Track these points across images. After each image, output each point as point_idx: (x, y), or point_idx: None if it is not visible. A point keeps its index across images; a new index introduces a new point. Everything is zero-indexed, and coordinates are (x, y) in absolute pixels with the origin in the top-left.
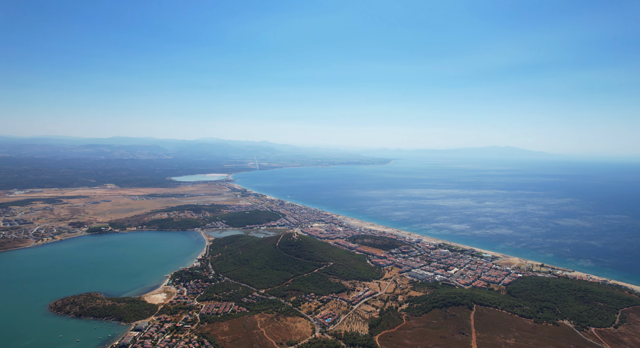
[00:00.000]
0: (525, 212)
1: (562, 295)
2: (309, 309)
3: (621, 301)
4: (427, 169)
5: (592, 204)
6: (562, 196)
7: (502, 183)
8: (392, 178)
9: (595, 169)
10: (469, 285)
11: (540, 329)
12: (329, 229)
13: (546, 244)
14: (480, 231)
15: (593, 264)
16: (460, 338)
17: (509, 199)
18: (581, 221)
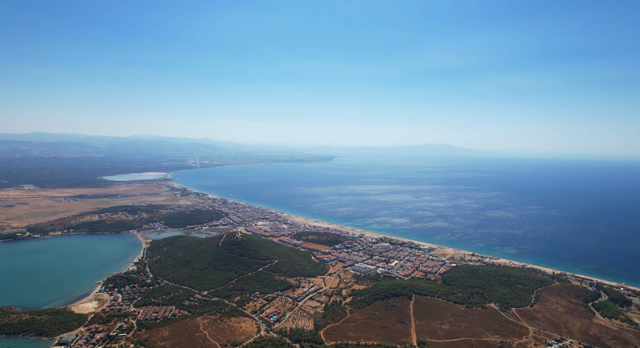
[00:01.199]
0: (458, 205)
1: (489, 280)
2: (254, 308)
3: (536, 282)
4: (369, 166)
5: (514, 197)
6: (490, 190)
7: (438, 178)
8: (335, 175)
9: (518, 166)
10: (409, 276)
11: (471, 313)
12: (273, 227)
13: (477, 234)
14: (418, 225)
15: (515, 251)
16: (401, 327)
17: (444, 194)
18: (506, 213)
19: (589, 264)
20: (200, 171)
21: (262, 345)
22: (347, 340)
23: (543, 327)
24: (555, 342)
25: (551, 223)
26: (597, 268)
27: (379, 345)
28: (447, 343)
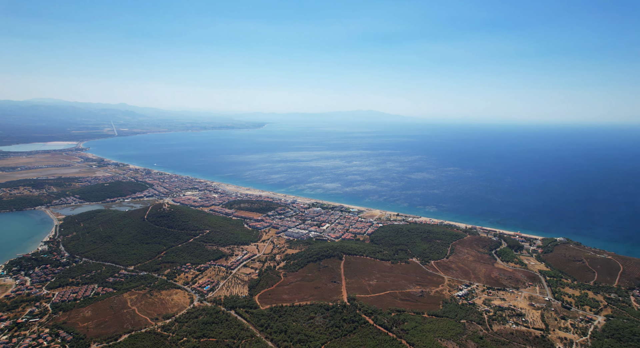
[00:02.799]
0: (385, 169)
1: (412, 238)
2: (186, 280)
3: (452, 237)
4: (301, 132)
5: (435, 159)
6: (413, 154)
7: (367, 144)
8: (267, 142)
9: (439, 131)
10: (339, 238)
11: (396, 268)
12: (203, 196)
13: (402, 196)
14: (349, 188)
15: (435, 209)
16: (332, 286)
17: (372, 159)
18: (427, 174)
19: (494, 217)
20: (119, 139)
21: (195, 314)
22: (282, 303)
23: (456, 275)
24: (465, 286)
25: (466, 183)
26: (500, 221)
27: (312, 304)
28: (375, 297)
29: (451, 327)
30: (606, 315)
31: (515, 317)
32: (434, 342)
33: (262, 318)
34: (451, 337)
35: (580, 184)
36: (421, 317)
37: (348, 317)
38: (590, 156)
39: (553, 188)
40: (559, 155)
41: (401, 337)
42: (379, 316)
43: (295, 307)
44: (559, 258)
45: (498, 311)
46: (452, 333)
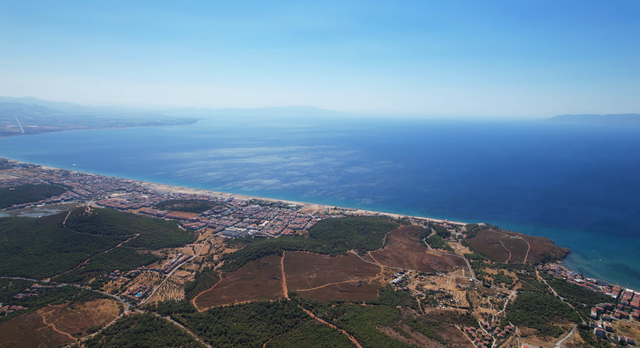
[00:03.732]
0: (323, 164)
1: (349, 230)
2: (115, 288)
3: (386, 227)
4: (236, 128)
5: (370, 153)
6: (349, 149)
7: (304, 139)
8: (201, 139)
9: (373, 125)
10: (279, 234)
11: (335, 261)
12: (132, 198)
13: (339, 189)
14: (288, 184)
15: (371, 201)
16: (273, 283)
17: (309, 154)
18: (363, 168)
19: (424, 207)
20: (26, 138)
21: (126, 324)
22: (221, 304)
23: (391, 264)
24: (400, 274)
25: (398, 175)
26: (429, 210)
27: (252, 302)
28: (315, 290)
29: (388, 313)
30: (518, 289)
31: (445, 298)
32: (372, 329)
33: (200, 321)
34: (388, 322)
35: (496, 174)
36: (360, 306)
37: (289, 312)
38: (504, 147)
39: (474, 178)
40: (479, 147)
41: (341, 327)
42: (319, 309)
43: (236, 306)
44: (481, 242)
45: (429, 295)
46: (388, 319)
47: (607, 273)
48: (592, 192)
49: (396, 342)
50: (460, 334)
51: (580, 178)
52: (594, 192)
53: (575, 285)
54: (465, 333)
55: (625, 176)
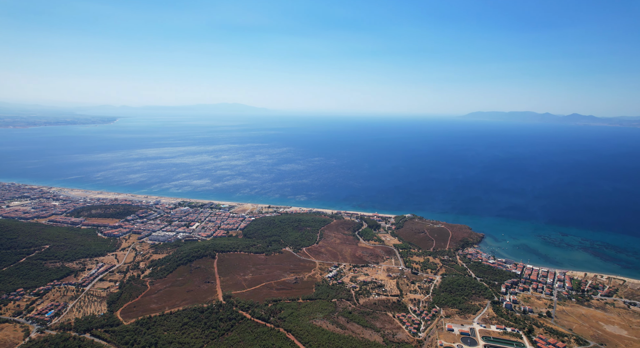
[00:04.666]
0: (255, 162)
1: (284, 228)
2: (18, 309)
3: (320, 223)
4: (161, 127)
5: (302, 150)
6: (281, 146)
7: (235, 137)
8: (122, 139)
9: (304, 122)
10: (211, 236)
11: (270, 259)
12: (38, 206)
13: (273, 187)
14: (219, 184)
15: (305, 198)
16: (207, 287)
17: (241, 152)
18: (296, 165)
19: (356, 201)
20: None
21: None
22: (150, 314)
23: (326, 259)
24: (334, 268)
25: (331, 171)
26: (361, 204)
27: (185, 309)
28: (251, 291)
29: (324, 307)
30: (442, 274)
31: (377, 288)
32: (310, 324)
33: (126, 335)
34: (324, 316)
35: (420, 167)
36: (296, 303)
37: (225, 315)
38: (426, 142)
39: (401, 172)
40: (405, 143)
41: (279, 325)
42: (256, 309)
43: (166, 315)
44: (408, 232)
45: (363, 285)
46: (325, 312)
47: (513, 252)
48: (500, 181)
49: (333, 334)
50: (393, 321)
51: (491, 168)
52: (502, 181)
53: (488, 265)
54: (397, 319)
55: (524, 166)
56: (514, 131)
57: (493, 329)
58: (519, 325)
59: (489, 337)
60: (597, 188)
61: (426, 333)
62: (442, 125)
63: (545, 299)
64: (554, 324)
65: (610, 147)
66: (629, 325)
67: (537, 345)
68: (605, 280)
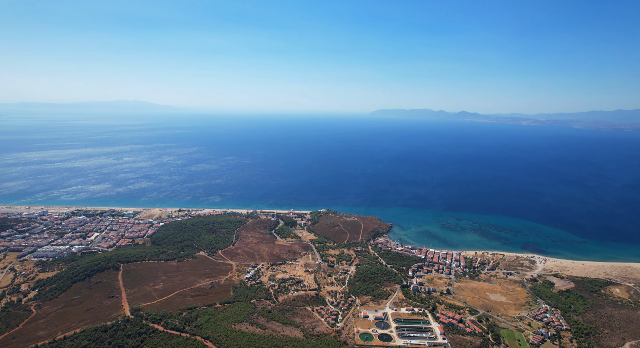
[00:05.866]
0: (163, 163)
1: (197, 231)
2: None
3: (236, 224)
4: (45, 127)
5: (214, 150)
6: (191, 146)
7: (138, 137)
8: None
9: (215, 121)
10: (113, 246)
11: (183, 266)
12: None
13: (184, 189)
14: (122, 188)
15: (220, 199)
16: (110, 302)
17: (146, 153)
18: (208, 165)
19: (272, 199)
20: None
21: None
22: (36, 342)
23: (243, 260)
24: (252, 268)
25: (245, 170)
26: (277, 202)
27: (84, 330)
28: (163, 301)
29: (243, 309)
30: (356, 264)
31: (296, 284)
32: (228, 328)
33: None
34: (243, 318)
35: (333, 163)
36: (213, 309)
37: (133, 331)
38: (338, 139)
39: (315, 168)
40: (318, 140)
41: (195, 333)
42: (169, 320)
43: (59, 341)
44: (323, 227)
45: (281, 283)
46: (244, 314)
47: (418, 238)
48: (405, 173)
49: (253, 335)
50: (312, 314)
51: (397, 162)
52: (406, 173)
53: (397, 253)
54: (316, 313)
55: (424, 159)
56: (415, 127)
57: (403, 311)
58: (425, 304)
59: (399, 319)
60: (482, 176)
61: (344, 322)
62: (351, 122)
63: (445, 278)
64: (452, 300)
65: (490, 140)
66: (507, 292)
67: (440, 320)
68: (490, 256)
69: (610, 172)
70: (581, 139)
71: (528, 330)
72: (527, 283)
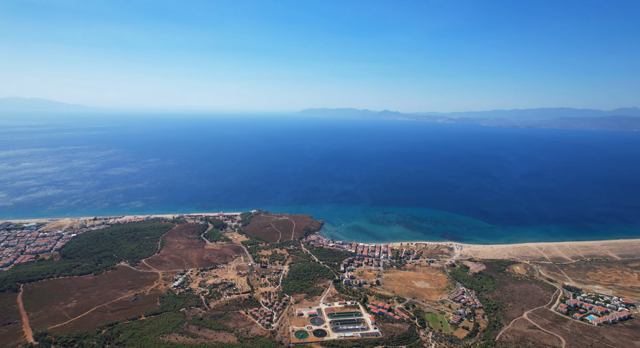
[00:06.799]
0: (73, 168)
1: (117, 241)
2: None
3: (160, 230)
4: None
5: (133, 152)
6: (107, 148)
7: (40, 139)
8: None
9: (133, 121)
10: (10, 264)
11: (102, 279)
12: None
13: (100, 196)
14: (22, 198)
15: (142, 204)
16: (6, 331)
17: (51, 157)
18: (127, 168)
19: (200, 202)
20: None
21: None
22: None
23: (170, 267)
24: (180, 275)
25: (169, 173)
26: (205, 205)
27: None
28: (77, 320)
29: (171, 319)
30: (289, 263)
31: (228, 288)
32: (156, 341)
33: None
34: (172, 329)
35: (263, 163)
36: (138, 322)
37: None
38: (267, 139)
39: (244, 168)
40: (246, 140)
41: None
42: (85, 340)
43: None
44: (255, 228)
45: (213, 288)
46: (173, 325)
47: (348, 234)
48: (334, 171)
49: (183, 346)
50: (246, 318)
51: (326, 160)
52: (335, 171)
53: (329, 249)
54: (250, 316)
55: (352, 157)
56: (341, 126)
57: (336, 305)
58: (357, 297)
59: (333, 313)
60: (405, 171)
61: (278, 322)
62: (280, 121)
63: (374, 270)
64: (382, 290)
65: (411, 137)
66: (430, 279)
67: (371, 311)
68: (414, 246)
69: (510, 164)
70: (487, 135)
71: (449, 312)
72: (447, 268)
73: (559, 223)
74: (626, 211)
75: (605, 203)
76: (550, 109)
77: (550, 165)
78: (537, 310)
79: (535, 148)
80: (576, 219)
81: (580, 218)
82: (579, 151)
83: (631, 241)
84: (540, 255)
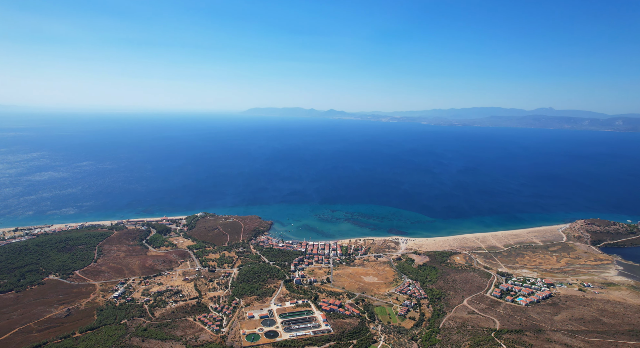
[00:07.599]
0: None
1: (44, 252)
2: None
3: (97, 238)
4: None
5: (63, 155)
6: (30, 151)
7: None
8: None
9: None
10: None
11: (25, 296)
12: None
13: (22, 204)
14: None
15: (76, 210)
16: None
17: None
18: (56, 173)
19: (141, 207)
20: None
21: None
22: None
23: (109, 277)
24: (121, 285)
25: (106, 176)
26: (146, 209)
27: None
28: None
29: (111, 333)
30: (239, 266)
31: (174, 295)
32: None
33: None
34: (112, 343)
35: (208, 163)
36: (72, 340)
37: None
38: (211, 139)
39: (188, 170)
40: (188, 140)
41: None
42: None
43: None
44: (201, 231)
45: (158, 296)
46: (113, 339)
47: (297, 233)
48: (281, 170)
49: None
50: (194, 324)
51: (273, 159)
52: (283, 170)
53: (279, 249)
54: (198, 322)
55: (299, 156)
56: (288, 125)
57: (287, 305)
58: (308, 295)
59: (285, 313)
60: (351, 169)
61: (229, 326)
62: (224, 121)
63: (325, 268)
64: (332, 287)
65: (356, 136)
66: (378, 273)
67: (322, 308)
68: (362, 242)
69: (448, 160)
70: (427, 133)
71: (396, 304)
72: (393, 262)
73: (492, 214)
74: (546, 201)
75: (530, 194)
76: (482, 108)
77: (484, 161)
78: (476, 296)
79: (470, 145)
80: (507, 210)
81: (510, 209)
82: (507, 148)
83: (550, 227)
84: (478, 245)
